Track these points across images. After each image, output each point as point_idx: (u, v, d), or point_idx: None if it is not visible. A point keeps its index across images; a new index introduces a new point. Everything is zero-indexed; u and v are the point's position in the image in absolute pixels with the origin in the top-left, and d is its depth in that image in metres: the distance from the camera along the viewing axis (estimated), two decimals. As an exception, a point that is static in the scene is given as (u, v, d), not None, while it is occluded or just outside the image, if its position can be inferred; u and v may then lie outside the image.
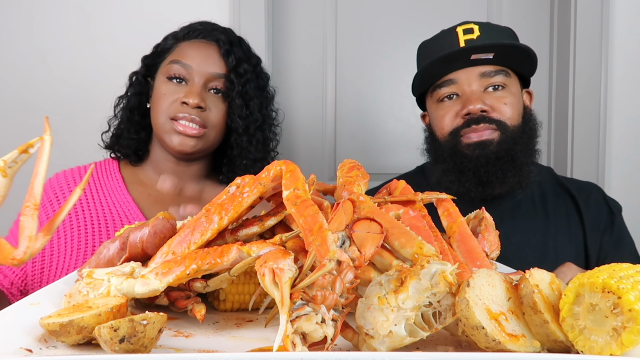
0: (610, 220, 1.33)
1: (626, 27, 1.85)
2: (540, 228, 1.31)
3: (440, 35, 1.31)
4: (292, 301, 0.52)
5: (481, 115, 1.25)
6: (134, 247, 0.71)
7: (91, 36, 1.81)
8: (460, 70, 1.26)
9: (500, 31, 1.30)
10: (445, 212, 0.79)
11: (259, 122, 1.27)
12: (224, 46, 1.24)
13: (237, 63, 1.24)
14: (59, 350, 0.56)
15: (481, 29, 1.26)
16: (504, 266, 0.86)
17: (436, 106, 1.32)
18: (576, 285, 0.52)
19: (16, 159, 0.62)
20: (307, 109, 1.96)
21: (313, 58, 1.95)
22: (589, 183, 1.42)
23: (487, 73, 1.26)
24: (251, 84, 1.26)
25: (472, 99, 1.25)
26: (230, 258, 0.61)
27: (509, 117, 1.27)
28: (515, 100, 1.29)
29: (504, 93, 1.27)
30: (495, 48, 1.24)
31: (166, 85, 1.22)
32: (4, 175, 0.60)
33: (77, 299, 0.64)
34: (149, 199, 1.27)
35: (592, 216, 1.33)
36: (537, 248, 1.29)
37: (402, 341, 0.54)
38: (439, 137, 1.32)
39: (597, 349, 0.50)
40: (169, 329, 0.65)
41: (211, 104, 1.23)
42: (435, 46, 1.30)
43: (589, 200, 1.35)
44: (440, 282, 0.55)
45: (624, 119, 1.87)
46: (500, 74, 1.27)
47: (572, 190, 1.36)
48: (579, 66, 1.85)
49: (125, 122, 1.30)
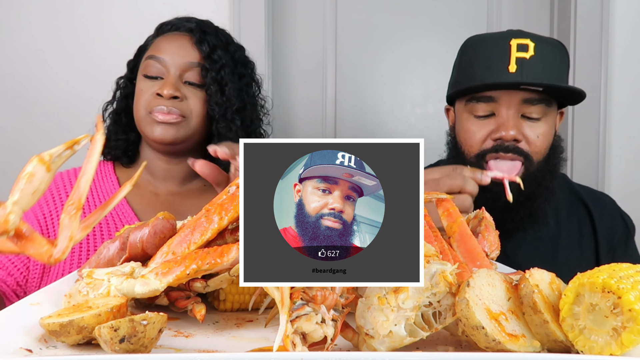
0: (625, 235, 1.31)
1: (626, 27, 1.85)
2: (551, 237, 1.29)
3: (490, 40, 1.23)
4: (292, 301, 0.52)
5: (512, 143, 1.19)
6: (134, 247, 0.71)
7: (91, 36, 1.81)
8: (504, 91, 1.20)
9: (553, 51, 1.21)
10: (445, 212, 0.79)
11: (235, 106, 1.26)
12: (196, 35, 1.25)
13: (211, 50, 1.24)
14: (59, 350, 0.56)
15: (536, 47, 1.18)
16: (504, 266, 0.86)
17: (468, 117, 1.25)
18: (576, 285, 0.52)
19: (61, 154, 0.61)
20: (307, 109, 1.96)
21: (313, 58, 1.95)
22: (603, 194, 1.40)
23: (529, 100, 1.19)
24: (226, 70, 1.25)
25: (507, 125, 1.18)
26: (230, 258, 0.61)
27: (537, 151, 1.21)
28: (549, 131, 1.23)
29: (540, 124, 1.21)
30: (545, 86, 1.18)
31: (144, 82, 1.23)
32: (48, 169, 0.59)
33: (77, 299, 0.64)
34: (142, 200, 1.28)
35: (607, 228, 1.30)
36: (547, 257, 1.27)
37: (402, 341, 0.54)
38: (464, 151, 1.26)
39: (597, 349, 0.50)
40: (169, 329, 0.65)
41: (188, 93, 1.23)
42: (482, 51, 1.23)
43: (603, 212, 1.32)
44: (440, 282, 0.55)
45: (624, 119, 1.87)
46: (542, 102, 1.20)
47: (587, 201, 1.32)
48: (579, 66, 1.85)
49: (113, 125, 1.32)
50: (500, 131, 1.19)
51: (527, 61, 1.17)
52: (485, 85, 1.19)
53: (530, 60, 1.17)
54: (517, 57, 1.18)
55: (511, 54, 1.18)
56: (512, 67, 1.18)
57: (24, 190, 0.56)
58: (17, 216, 0.56)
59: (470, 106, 1.23)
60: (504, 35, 1.22)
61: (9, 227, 0.55)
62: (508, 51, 1.18)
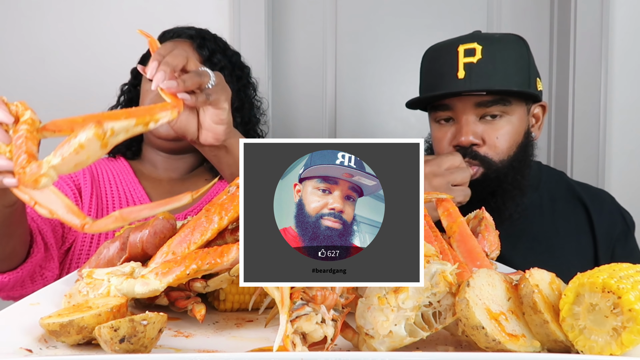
0: (624, 232, 1.30)
1: (626, 27, 1.85)
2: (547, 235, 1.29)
3: (442, 48, 1.25)
4: (292, 301, 0.52)
5: (470, 148, 1.20)
6: (134, 247, 0.72)
7: (91, 38, 1.81)
8: (456, 98, 1.21)
9: (505, 50, 1.21)
10: (445, 212, 0.79)
11: (235, 105, 1.33)
12: (197, 40, 1.32)
13: (211, 54, 1.32)
14: (59, 350, 0.56)
15: (484, 50, 1.18)
16: (504, 266, 0.86)
17: (434, 125, 1.28)
18: (576, 285, 0.52)
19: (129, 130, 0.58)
20: (307, 109, 1.96)
21: (313, 58, 1.95)
22: (602, 191, 1.39)
23: (483, 103, 1.19)
24: (225, 72, 1.32)
25: (463, 131, 1.20)
26: (230, 258, 0.61)
27: (498, 152, 1.21)
28: (513, 130, 1.22)
29: (501, 123, 1.21)
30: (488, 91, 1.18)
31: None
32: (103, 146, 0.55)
33: (77, 299, 0.64)
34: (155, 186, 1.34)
35: (606, 225, 1.30)
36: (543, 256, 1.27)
37: (402, 341, 0.54)
38: None
39: (597, 349, 0.50)
40: (169, 329, 0.65)
41: None
42: (435, 60, 1.25)
43: (602, 209, 1.31)
44: (440, 282, 0.55)
45: (624, 119, 1.87)
46: (498, 103, 1.20)
47: (585, 198, 1.32)
48: (579, 66, 1.85)
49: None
50: (458, 137, 1.21)
51: (474, 65, 1.18)
52: (433, 96, 1.22)
53: (477, 64, 1.18)
54: (465, 62, 1.18)
55: (459, 60, 1.19)
56: (460, 74, 1.18)
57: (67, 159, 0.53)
58: (50, 180, 0.53)
59: (433, 114, 1.27)
60: (454, 41, 1.23)
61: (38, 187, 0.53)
62: (456, 58, 1.20)
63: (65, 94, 1.82)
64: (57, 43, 1.82)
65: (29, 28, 1.82)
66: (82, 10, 1.81)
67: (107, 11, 1.81)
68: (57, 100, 1.82)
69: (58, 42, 1.82)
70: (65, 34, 1.81)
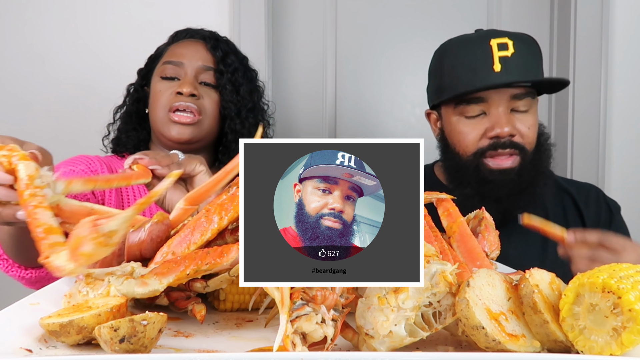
0: (609, 219, 1.33)
1: (626, 27, 1.85)
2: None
3: (469, 42, 1.26)
4: (292, 301, 0.52)
5: (508, 139, 1.24)
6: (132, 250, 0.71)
7: (91, 38, 1.81)
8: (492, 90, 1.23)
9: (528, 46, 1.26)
10: (445, 212, 0.79)
11: (250, 105, 1.36)
12: (210, 42, 1.35)
13: (224, 55, 1.35)
14: (59, 350, 0.56)
15: (515, 45, 1.22)
16: (504, 266, 0.86)
17: (459, 119, 1.28)
18: (576, 285, 0.52)
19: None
20: (307, 109, 1.96)
21: (313, 58, 1.95)
22: (587, 184, 1.42)
23: (517, 95, 1.24)
24: (239, 73, 1.35)
25: (501, 122, 1.23)
26: (230, 258, 0.61)
27: (529, 142, 1.26)
28: (536, 121, 1.29)
29: (529, 116, 1.26)
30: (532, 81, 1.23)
31: (161, 84, 1.32)
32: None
33: (77, 299, 0.64)
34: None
35: (593, 215, 1.33)
36: (536, 247, 1.29)
37: (402, 341, 0.54)
38: (459, 152, 1.29)
39: (597, 349, 0.50)
40: (169, 329, 0.65)
41: (204, 93, 1.33)
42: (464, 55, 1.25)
43: (588, 200, 1.35)
44: (440, 282, 0.55)
45: (624, 119, 1.87)
46: (528, 96, 1.25)
47: (571, 191, 1.36)
48: (579, 66, 1.85)
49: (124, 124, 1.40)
50: (496, 129, 1.23)
51: (509, 59, 1.22)
52: (476, 89, 1.23)
53: (512, 57, 1.22)
54: (500, 56, 1.22)
55: (494, 54, 1.22)
56: (496, 67, 1.21)
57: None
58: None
59: (460, 109, 1.27)
60: (482, 35, 1.26)
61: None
62: (490, 51, 1.22)
63: (65, 94, 1.82)
64: (58, 43, 1.81)
65: (30, 28, 1.82)
66: (82, 10, 1.81)
67: (108, 11, 1.81)
68: (58, 101, 1.82)
69: (58, 42, 1.81)
70: (65, 33, 1.81)
